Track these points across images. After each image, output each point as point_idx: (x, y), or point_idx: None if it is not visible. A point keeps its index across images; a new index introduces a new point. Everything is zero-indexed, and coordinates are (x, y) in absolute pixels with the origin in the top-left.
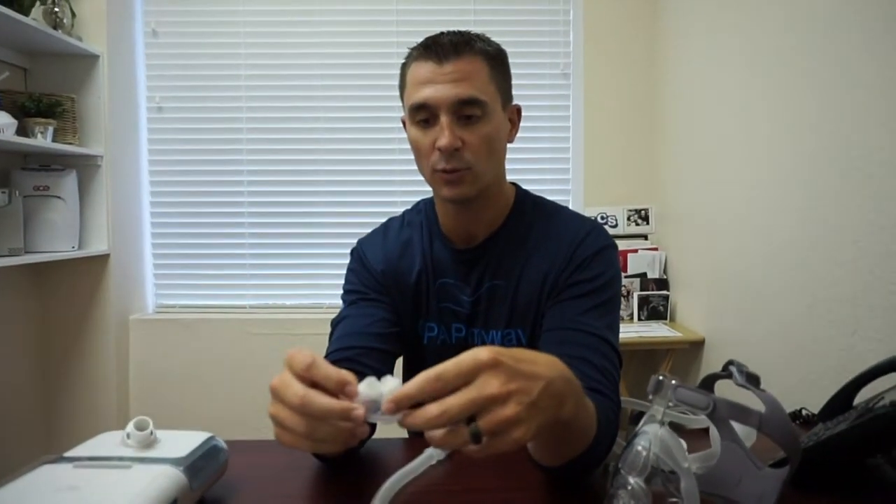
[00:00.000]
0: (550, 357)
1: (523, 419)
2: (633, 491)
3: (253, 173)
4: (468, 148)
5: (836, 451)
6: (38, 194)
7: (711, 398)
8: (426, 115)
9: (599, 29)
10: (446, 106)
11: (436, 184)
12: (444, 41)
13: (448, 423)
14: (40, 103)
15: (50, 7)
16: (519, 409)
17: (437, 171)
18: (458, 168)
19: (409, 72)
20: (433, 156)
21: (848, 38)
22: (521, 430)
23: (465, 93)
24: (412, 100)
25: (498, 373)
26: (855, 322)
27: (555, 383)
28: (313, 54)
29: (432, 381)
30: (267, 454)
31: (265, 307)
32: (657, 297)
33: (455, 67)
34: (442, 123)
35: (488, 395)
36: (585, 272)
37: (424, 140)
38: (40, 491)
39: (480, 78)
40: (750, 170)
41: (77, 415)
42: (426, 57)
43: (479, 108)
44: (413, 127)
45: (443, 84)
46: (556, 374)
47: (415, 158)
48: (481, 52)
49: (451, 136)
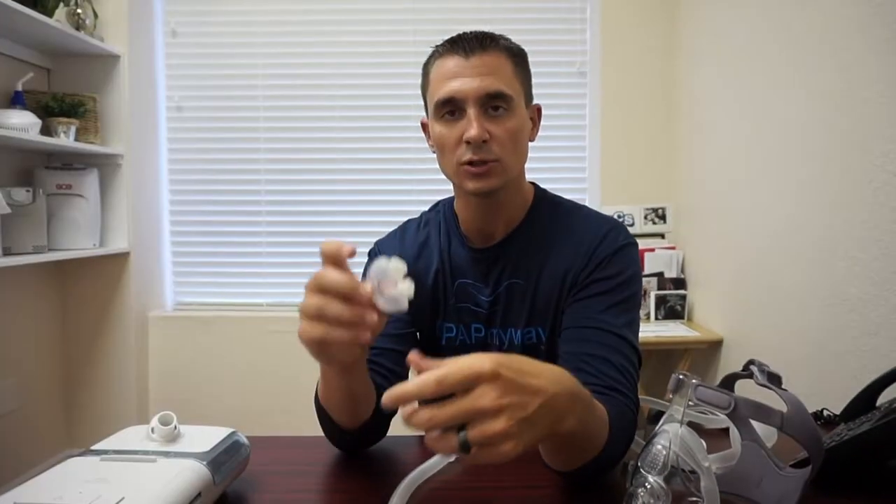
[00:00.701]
0: (557, 370)
1: (514, 434)
2: (653, 489)
3: (270, 172)
4: (495, 140)
5: (859, 452)
6: (61, 193)
7: (732, 397)
8: (452, 108)
9: (615, 27)
10: (474, 98)
11: (462, 178)
12: (470, 37)
13: (436, 429)
14: (63, 103)
15: (73, 8)
16: (510, 423)
17: (463, 164)
18: (487, 160)
19: (434, 68)
20: (459, 149)
21: (872, 33)
22: (511, 444)
23: (493, 86)
24: (439, 94)
25: (496, 385)
26: (877, 322)
27: (557, 399)
28: (330, 54)
29: (431, 385)
30: (287, 450)
31: (282, 305)
32: (675, 297)
33: (481, 61)
34: (469, 116)
35: (479, 408)
36: (605, 270)
37: (451, 134)
38: (69, 483)
39: (506, 73)
40: (769, 168)
41: (97, 410)
42: (452, 52)
43: (505, 102)
44: (438, 123)
45: (470, 77)
46: (559, 390)
47: (438, 156)
48: (506, 49)
49: (479, 128)
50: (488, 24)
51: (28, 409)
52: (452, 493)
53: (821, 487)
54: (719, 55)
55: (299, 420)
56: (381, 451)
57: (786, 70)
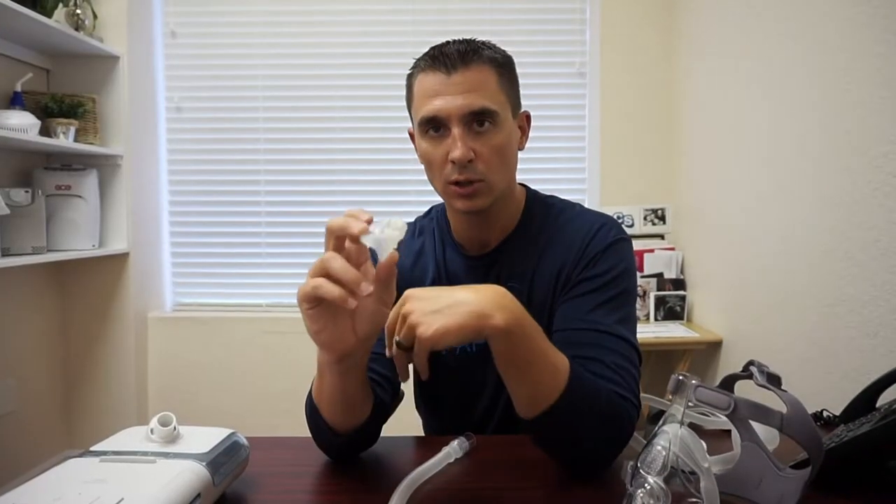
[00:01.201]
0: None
1: (423, 322)
2: (653, 490)
3: (270, 173)
4: (480, 159)
5: (859, 453)
6: (60, 193)
7: (732, 398)
8: (437, 125)
9: (615, 27)
10: (457, 117)
11: (449, 197)
12: (451, 51)
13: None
14: (62, 104)
15: (72, 9)
16: (417, 315)
17: (450, 183)
18: (473, 179)
19: (417, 83)
20: (446, 168)
21: (871, 33)
22: (423, 327)
23: (476, 103)
24: (422, 113)
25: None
26: (877, 323)
27: (471, 302)
28: (330, 54)
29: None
30: (287, 451)
31: (281, 306)
32: (674, 298)
33: (464, 77)
34: (454, 135)
35: (395, 316)
36: (596, 267)
37: (436, 153)
38: (68, 483)
39: (490, 87)
40: (768, 168)
41: (96, 410)
42: (434, 68)
43: (490, 118)
44: (423, 140)
45: (452, 95)
46: (479, 297)
47: (426, 171)
48: (489, 60)
49: (463, 148)
50: (487, 25)
51: (27, 410)
52: (452, 494)
53: (821, 488)
54: (719, 55)
55: (299, 420)
56: (380, 451)
57: (785, 70)
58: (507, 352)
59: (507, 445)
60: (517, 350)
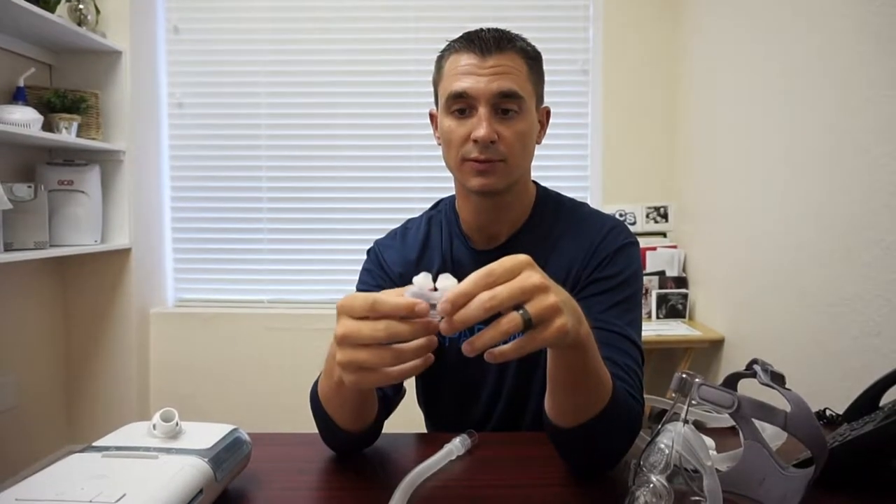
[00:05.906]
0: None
1: (562, 309)
2: (656, 489)
3: (272, 168)
4: (503, 141)
5: (862, 452)
6: (63, 189)
7: (736, 397)
8: (463, 105)
9: (619, 25)
10: (486, 98)
11: (465, 173)
12: (487, 36)
13: (498, 309)
14: (65, 99)
15: (75, 4)
16: (559, 298)
17: (467, 160)
18: (493, 159)
19: (448, 62)
20: (466, 146)
21: (875, 32)
22: (563, 319)
23: (506, 86)
24: (451, 88)
25: (536, 270)
26: (879, 322)
27: (576, 307)
28: (332, 50)
29: (484, 277)
30: (289, 447)
31: (283, 302)
32: (676, 296)
33: (497, 61)
34: (480, 115)
35: (532, 284)
36: (606, 269)
37: (459, 130)
38: (71, 479)
39: (520, 74)
40: (771, 167)
41: (98, 406)
42: (468, 49)
43: (517, 104)
44: (447, 117)
45: (484, 76)
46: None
47: (443, 148)
48: (522, 51)
49: (488, 128)
50: (491, 22)
51: (29, 405)
52: (454, 491)
53: (824, 487)
54: (721, 54)
55: (301, 417)
56: (383, 448)
57: (787, 70)
58: (578, 362)
59: (509, 443)
60: (588, 361)
